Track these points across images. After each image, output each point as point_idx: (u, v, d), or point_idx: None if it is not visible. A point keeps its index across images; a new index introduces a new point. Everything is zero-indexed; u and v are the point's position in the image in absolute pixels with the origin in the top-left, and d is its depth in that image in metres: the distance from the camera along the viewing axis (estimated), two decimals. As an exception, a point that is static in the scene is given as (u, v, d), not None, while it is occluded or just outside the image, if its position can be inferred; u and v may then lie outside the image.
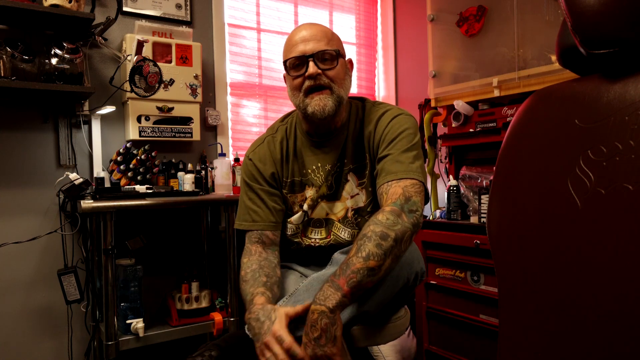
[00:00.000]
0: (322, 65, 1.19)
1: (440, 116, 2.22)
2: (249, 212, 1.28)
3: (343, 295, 0.98)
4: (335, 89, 1.21)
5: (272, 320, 1.02)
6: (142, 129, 2.08)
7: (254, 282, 1.16)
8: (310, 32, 1.21)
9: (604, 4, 0.76)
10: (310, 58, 1.19)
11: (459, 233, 1.93)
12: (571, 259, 0.81)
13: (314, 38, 1.20)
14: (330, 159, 1.28)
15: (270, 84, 2.66)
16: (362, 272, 0.99)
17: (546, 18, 1.77)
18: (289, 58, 1.22)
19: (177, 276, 2.20)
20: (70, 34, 1.93)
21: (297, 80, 1.21)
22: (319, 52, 1.19)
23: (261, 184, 1.29)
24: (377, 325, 1.25)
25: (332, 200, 1.30)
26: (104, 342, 1.72)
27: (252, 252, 1.25)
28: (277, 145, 1.32)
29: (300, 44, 1.20)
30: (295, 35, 1.23)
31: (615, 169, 0.76)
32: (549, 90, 0.89)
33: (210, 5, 2.39)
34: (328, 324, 0.96)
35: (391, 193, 1.12)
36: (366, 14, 3.06)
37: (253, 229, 1.27)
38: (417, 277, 1.14)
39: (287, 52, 1.23)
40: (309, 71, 1.18)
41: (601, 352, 0.76)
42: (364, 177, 1.27)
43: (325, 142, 1.29)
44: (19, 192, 1.97)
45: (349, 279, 0.99)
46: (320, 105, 1.19)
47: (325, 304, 0.98)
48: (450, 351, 2.01)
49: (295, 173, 1.31)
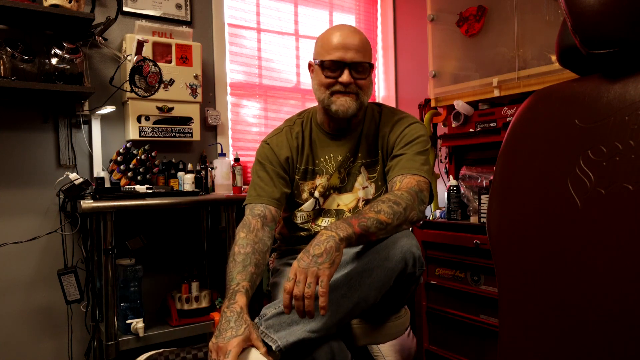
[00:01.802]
0: (356, 75, 1.28)
1: (440, 116, 2.22)
2: (256, 187, 1.35)
3: (353, 232, 1.04)
4: (360, 96, 1.30)
5: (236, 335, 1.02)
6: (142, 129, 2.08)
7: (243, 269, 1.17)
8: (352, 41, 1.27)
9: (604, 4, 0.76)
10: (347, 66, 1.26)
11: (459, 233, 1.92)
12: (571, 259, 0.81)
13: (355, 48, 1.27)
14: (342, 151, 1.37)
15: (270, 84, 2.66)
16: (373, 220, 1.08)
17: (546, 18, 1.77)
18: (327, 60, 1.28)
19: (177, 276, 2.20)
20: (70, 34, 1.93)
21: (328, 80, 1.29)
22: (356, 63, 1.27)
23: (274, 165, 1.37)
24: (376, 323, 1.25)
25: (343, 192, 1.39)
26: (104, 342, 1.72)
27: (250, 228, 1.26)
28: (294, 135, 1.41)
29: (341, 50, 1.26)
30: (337, 37, 1.28)
31: (615, 169, 0.76)
32: (549, 90, 0.89)
33: (210, 5, 2.39)
34: (333, 247, 1.00)
35: (406, 182, 1.23)
36: (366, 14, 3.06)
37: (257, 202, 1.32)
38: (415, 263, 1.14)
39: (326, 52, 1.29)
40: (343, 78, 1.27)
41: (601, 352, 0.76)
42: (375, 172, 1.38)
43: (338, 136, 1.39)
44: (19, 192, 1.97)
45: (360, 221, 1.07)
46: (345, 106, 1.28)
47: (336, 231, 1.03)
48: (450, 351, 2.01)
49: (308, 162, 1.39)
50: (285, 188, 1.37)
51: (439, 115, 2.22)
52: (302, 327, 1.06)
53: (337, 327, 1.12)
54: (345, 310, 1.10)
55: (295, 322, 1.07)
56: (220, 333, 1.03)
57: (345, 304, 1.10)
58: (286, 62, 2.72)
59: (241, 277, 1.15)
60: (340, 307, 1.09)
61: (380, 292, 1.13)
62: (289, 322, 1.08)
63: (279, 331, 1.07)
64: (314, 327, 1.07)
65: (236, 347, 1.00)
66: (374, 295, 1.12)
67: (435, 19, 2.19)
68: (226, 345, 1.00)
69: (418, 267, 1.16)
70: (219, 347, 1.01)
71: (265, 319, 1.11)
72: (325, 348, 1.09)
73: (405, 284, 1.18)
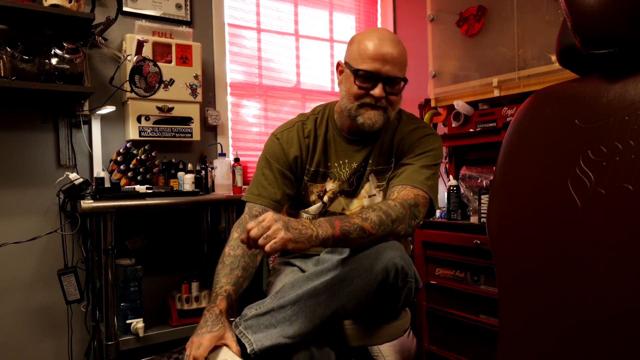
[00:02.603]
0: (389, 90, 1.22)
1: (440, 116, 2.22)
2: (258, 185, 1.32)
3: (333, 234, 1.02)
4: (388, 111, 1.25)
5: (210, 332, 1.05)
6: (142, 129, 2.08)
7: (229, 271, 1.18)
8: (391, 53, 1.19)
9: (604, 4, 0.76)
10: (381, 80, 1.20)
11: (459, 233, 1.92)
12: (571, 259, 0.81)
13: (394, 61, 1.19)
14: (358, 158, 1.33)
15: (270, 84, 2.66)
16: (356, 227, 1.05)
17: (546, 18, 1.77)
18: (361, 69, 1.20)
19: (177, 276, 2.20)
20: (70, 34, 1.93)
21: (360, 90, 1.21)
22: (391, 78, 1.20)
23: (280, 165, 1.33)
24: (371, 326, 1.24)
25: (350, 197, 1.35)
26: (104, 342, 1.72)
27: (244, 228, 1.25)
28: (306, 132, 1.35)
29: (378, 62, 1.18)
30: (375, 45, 1.19)
31: (615, 169, 0.76)
32: (549, 90, 0.89)
33: (210, 5, 2.39)
34: (306, 236, 0.99)
35: (403, 193, 1.19)
36: (366, 14, 3.06)
37: (257, 202, 1.30)
38: (397, 275, 1.10)
39: (362, 59, 1.20)
40: (375, 92, 1.20)
41: (601, 352, 0.76)
42: (384, 180, 1.33)
43: (357, 142, 1.33)
44: (19, 192, 1.97)
45: (343, 224, 1.04)
46: (372, 120, 1.22)
47: (317, 229, 1.01)
48: (450, 351, 2.01)
49: (320, 164, 1.34)
50: (288, 189, 1.33)
51: (439, 115, 2.22)
52: (278, 331, 1.06)
53: (314, 333, 1.09)
54: (324, 317, 1.08)
55: (272, 326, 1.07)
56: (196, 331, 1.07)
57: (324, 311, 1.08)
58: (286, 62, 2.72)
59: (226, 281, 1.16)
60: (319, 314, 1.08)
61: (360, 301, 1.11)
62: (267, 325, 1.07)
63: (256, 333, 1.07)
64: (290, 332, 1.06)
65: (208, 341, 1.03)
66: (353, 304, 1.10)
67: (435, 19, 2.19)
68: (199, 339, 1.03)
69: (401, 279, 1.12)
70: (192, 342, 1.04)
71: (245, 319, 1.10)
72: (303, 353, 1.08)
73: (388, 294, 1.14)
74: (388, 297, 1.16)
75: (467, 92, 2.06)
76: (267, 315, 1.08)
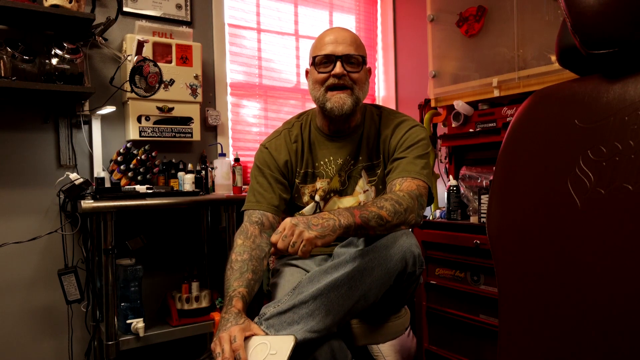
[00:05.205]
0: (348, 67, 1.29)
1: (440, 116, 2.22)
2: (255, 194, 1.35)
3: (354, 221, 1.05)
4: (355, 91, 1.30)
5: (237, 324, 1.04)
6: (142, 129, 2.08)
7: (240, 275, 1.18)
8: (342, 36, 1.31)
9: (604, 4, 0.76)
10: (338, 59, 1.28)
11: (458, 233, 1.93)
12: (571, 258, 0.81)
13: (345, 42, 1.29)
14: (342, 154, 1.37)
15: (271, 84, 2.66)
16: (374, 214, 1.08)
17: (546, 18, 1.77)
18: (318, 55, 1.30)
19: (177, 276, 2.20)
20: (70, 34, 1.93)
21: (322, 75, 1.30)
22: (347, 55, 1.28)
23: (272, 171, 1.37)
24: (376, 323, 1.25)
25: (344, 196, 1.38)
26: (104, 342, 1.72)
27: (247, 234, 1.28)
28: (293, 138, 1.40)
29: (331, 45, 1.29)
30: (327, 35, 1.32)
31: (615, 169, 0.76)
32: (549, 90, 0.89)
33: (210, 5, 2.39)
34: (330, 227, 1.01)
35: (406, 185, 1.23)
36: (366, 14, 3.06)
37: (256, 208, 1.32)
38: (415, 262, 1.15)
39: (317, 49, 1.32)
40: (335, 70, 1.28)
41: (601, 352, 0.76)
42: (375, 176, 1.37)
43: (338, 139, 1.38)
44: (20, 192, 1.97)
45: (362, 212, 1.07)
46: (339, 102, 1.28)
47: (338, 217, 1.03)
48: (450, 351, 2.01)
49: (308, 165, 1.39)
50: (284, 194, 1.37)
51: (439, 116, 2.22)
52: (302, 327, 1.06)
53: (337, 326, 1.12)
54: (346, 309, 1.11)
55: (295, 322, 1.07)
56: (219, 329, 1.04)
57: (346, 303, 1.10)
58: (286, 62, 2.72)
59: (238, 284, 1.16)
60: (341, 306, 1.10)
61: (381, 290, 1.14)
62: (290, 322, 1.08)
63: (279, 331, 1.07)
64: (315, 326, 1.07)
65: (239, 332, 1.01)
66: (374, 293, 1.13)
67: (435, 19, 2.19)
68: (228, 333, 1.01)
69: (418, 266, 1.17)
70: (221, 338, 1.01)
71: (265, 318, 1.11)
72: (325, 348, 1.10)
73: (405, 282, 1.18)
74: (406, 285, 1.19)
75: (467, 92, 2.06)
76: (289, 312, 1.09)
